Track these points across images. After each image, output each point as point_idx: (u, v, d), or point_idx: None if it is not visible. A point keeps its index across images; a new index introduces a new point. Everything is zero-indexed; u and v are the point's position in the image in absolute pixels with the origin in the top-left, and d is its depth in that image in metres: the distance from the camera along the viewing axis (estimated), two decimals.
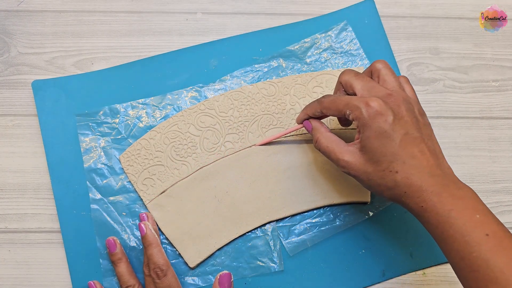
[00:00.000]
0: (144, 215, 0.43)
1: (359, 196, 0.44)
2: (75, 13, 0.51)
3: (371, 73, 0.38)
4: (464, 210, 0.32)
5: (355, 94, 0.37)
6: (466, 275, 0.31)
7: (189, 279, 0.43)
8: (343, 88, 0.39)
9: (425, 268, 0.44)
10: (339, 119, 0.43)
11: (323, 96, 0.39)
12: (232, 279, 0.38)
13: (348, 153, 0.36)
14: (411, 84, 0.38)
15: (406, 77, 0.39)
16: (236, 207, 0.44)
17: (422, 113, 0.37)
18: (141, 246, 0.43)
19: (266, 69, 0.48)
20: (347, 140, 0.39)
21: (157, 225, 0.43)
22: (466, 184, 0.34)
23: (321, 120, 0.41)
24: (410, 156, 0.34)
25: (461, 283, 0.32)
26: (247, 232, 0.44)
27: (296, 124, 0.43)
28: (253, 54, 0.49)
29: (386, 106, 0.34)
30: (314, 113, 0.40)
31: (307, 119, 0.41)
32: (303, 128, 0.42)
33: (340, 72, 0.47)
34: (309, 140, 0.46)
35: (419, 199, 0.33)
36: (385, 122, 0.34)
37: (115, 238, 0.42)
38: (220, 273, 0.38)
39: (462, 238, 0.31)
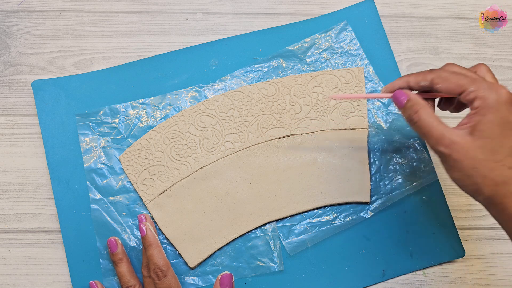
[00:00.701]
0: (142, 216, 0.43)
1: (359, 196, 0.44)
2: (75, 13, 0.51)
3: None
4: None
5: None
6: None
7: (189, 279, 0.43)
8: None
9: (425, 268, 0.44)
10: (439, 102, 0.38)
11: (440, 68, 0.34)
12: (233, 280, 0.38)
13: (455, 134, 0.32)
14: None
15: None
16: (236, 207, 0.44)
17: None
18: (141, 246, 0.43)
19: (266, 69, 0.48)
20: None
21: (157, 225, 0.43)
22: None
23: None
24: None
25: None
26: (247, 232, 0.44)
27: (381, 91, 0.37)
28: (253, 54, 0.49)
29: None
30: (418, 83, 0.35)
31: (402, 89, 0.35)
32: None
33: (340, 72, 0.47)
34: (309, 140, 0.46)
35: None
36: None
37: (116, 238, 0.42)
38: (221, 273, 0.38)
39: None
